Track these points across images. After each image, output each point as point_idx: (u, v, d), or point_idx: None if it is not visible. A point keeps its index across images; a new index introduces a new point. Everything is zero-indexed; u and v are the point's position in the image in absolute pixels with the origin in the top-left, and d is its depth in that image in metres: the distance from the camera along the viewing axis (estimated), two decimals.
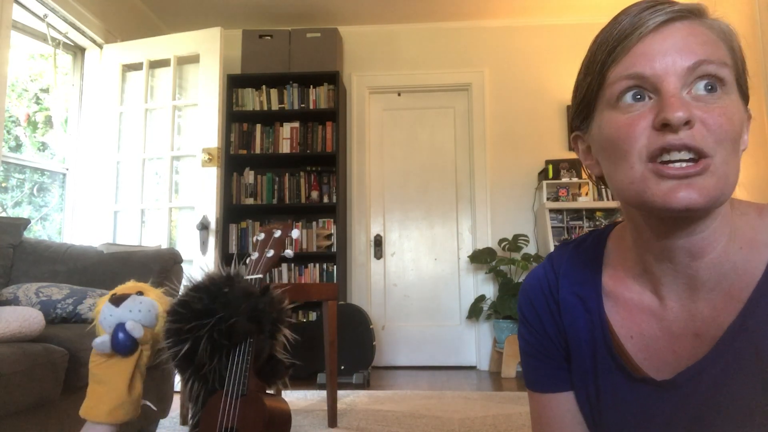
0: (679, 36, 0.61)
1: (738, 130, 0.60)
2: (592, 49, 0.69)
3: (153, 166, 3.49)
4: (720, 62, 0.60)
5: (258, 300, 1.13)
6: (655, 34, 0.61)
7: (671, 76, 0.60)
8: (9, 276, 2.16)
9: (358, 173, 4.22)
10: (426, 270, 4.19)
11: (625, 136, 0.62)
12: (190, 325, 1.08)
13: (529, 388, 0.85)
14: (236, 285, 1.14)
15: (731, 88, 0.61)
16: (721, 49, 0.61)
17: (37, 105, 3.30)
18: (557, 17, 4.19)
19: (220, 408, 1.07)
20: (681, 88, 0.60)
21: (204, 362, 1.09)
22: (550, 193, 3.91)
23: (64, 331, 1.65)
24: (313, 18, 4.14)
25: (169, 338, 1.11)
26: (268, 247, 1.29)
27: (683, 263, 0.66)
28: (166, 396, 2.10)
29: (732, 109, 0.60)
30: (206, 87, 3.31)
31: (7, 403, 1.32)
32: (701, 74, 0.60)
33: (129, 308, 1.04)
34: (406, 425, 2.29)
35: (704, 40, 0.60)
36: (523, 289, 0.85)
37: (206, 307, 1.10)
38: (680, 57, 0.60)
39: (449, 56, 4.28)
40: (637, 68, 0.61)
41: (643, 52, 0.61)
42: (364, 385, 3.32)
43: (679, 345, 0.68)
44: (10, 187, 3.06)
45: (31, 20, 3.06)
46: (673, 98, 0.59)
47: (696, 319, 0.67)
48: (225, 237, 3.90)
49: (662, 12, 0.61)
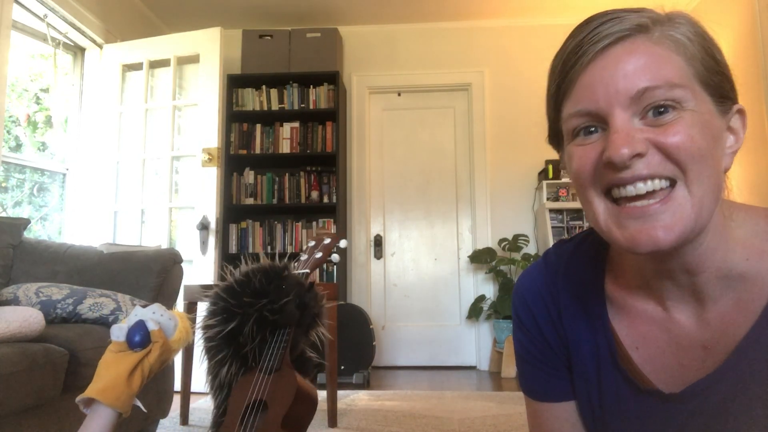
0: (620, 62, 0.58)
1: (706, 144, 0.57)
2: (549, 73, 0.66)
3: (153, 166, 3.49)
4: (667, 84, 0.56)
5: (306, 292, 1.21)
6: (595, 62, 0.59)
7: (615, 108, 0.58)
8: (9, 276, 2.16)
9: (358, 173, 4.22)
10: (426, 270, 4.19)
11: (581, 169, 0.61)
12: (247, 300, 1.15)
13: (527, 395, 0.81)
14: (290, 274, 1.22)
15: (690, 102, 0.57)
16: (671, 66, 0.57)
17: (37, 105, 3.29)
18: (557, 17, 4.19)
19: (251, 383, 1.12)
20: (631, 117, 0.58)
21: (247, 342, 1.14)
22: (550, 193, 3.91)
23: (64, 331, 1.65)
24: (313, 18, 4.14)
25: (220, 315, 1.17)
26: (317, 250, 1.40)
27: (683, 280, 0.64)
28: (166, 396, 2.10)
29: (690, 125, 0.56)
30: (206, 87, 3.31)
31: (7, 403, 1.32)
32: (648, 102, 0.57)
33: (153, 310, 1.10)
34: (406, 425, 2.29)
35: (647, 62, 0.57)
36: (518, 291, 0.80)
37: (263, 287, 1.17)
38: (623, 86, 0.57)
39: (449, 56, 4.28)
40: (583, 104, 0.60)
41: (586, 84, 0.59)
42: (364, 385, 3.32)
43: (686, 357, 0.65)
44: (10, 187, 3.06)
45: (31, 20, 3.06)
46: (616, 134, 0.57)
47: (705, 330, 0.64)
48: (225, 237, 3.90)
49: (603, 36, 0.58)
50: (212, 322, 1.17)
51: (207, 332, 1.18)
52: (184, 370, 2.39)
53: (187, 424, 2.33)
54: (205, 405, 2.71)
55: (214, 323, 1.17)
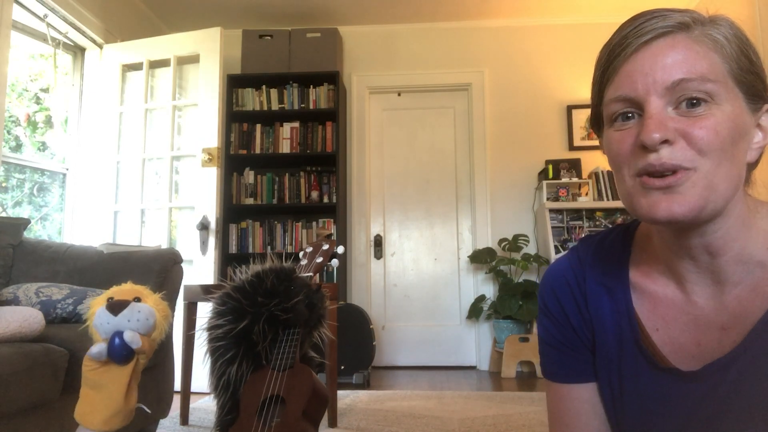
0: (660, 55, 0.63)
1: (730, 139, 0.63)
2: (596, 61, 0.72)
3: (153, 166, 3.49)
4: (701, 78, 0.62)
5: (314, 293, 1.26)
6: (638, 53, 0.65)
7: (652, 95, 0.63)
8: (9, 276, 2.16)
9: (358, 173, 4.22)
10: (426, 270, 4.19)
11: (617, 152, 0.67)
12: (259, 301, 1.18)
13: (548, 378, 0.85)
14: (299, 276, 1.27)
15: (722, 98, 0.63)
16: (707, 62, 0.63)
17: (37, 105, 3.30)
18: (557, 17, 4.19)
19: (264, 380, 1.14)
20: (665, 106, 0.63)
21: (258, 340, 1.17)
22: (550, 193, 3.91)
23: (64, 331, 1.65)
24: (313, 18, 4.14)
25: (230, 315, 1.18)
26: (317, 255, 1.46)
27: (704, 260, 0.69)
28: (166, 396, 2.10)
29: (718, 120, 0.62)
30: (206, 87, 3.31)
31: (7, 403, 1.32)
32: (683, 92, 0.62)
33: (127, 317, 1.03)
34: (406, 425, 2.29)
35: (685, 57, 0.63)
36: (546, 281, 0.85)
37: (275, 287, 1.21)
38: (660, 77, 0.63)
39: (449, 56, 4.28)
40: (622, 91, 0.66)
41: (627, 72, 0.65)
42: (364, 385, 3.32)
43: (704, 338, 0.70)
44: (10, 187, 3.06)
45: (31, 20, 3.06)
46: (650, 120, 0.63)
47: (722, 313, 0.69)
48: (225, 237, 3.90)
49: (647, 31, 0.64)
50: (221, 321, 1.19)
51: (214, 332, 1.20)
52: (184, 370, 2.39)
53: (187, 424, 2.33)
54: (204, 405, 2.71)
55: (223, 323, 1.18)
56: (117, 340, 1.01)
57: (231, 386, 1.16)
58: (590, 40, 4.08)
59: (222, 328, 1.17)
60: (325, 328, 1.30)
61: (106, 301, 1.06)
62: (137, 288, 1.12)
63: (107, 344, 1.01)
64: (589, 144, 4.10)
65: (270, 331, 1.18)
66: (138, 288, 1.13)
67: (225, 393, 1.17)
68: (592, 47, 3.36)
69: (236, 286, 1.22)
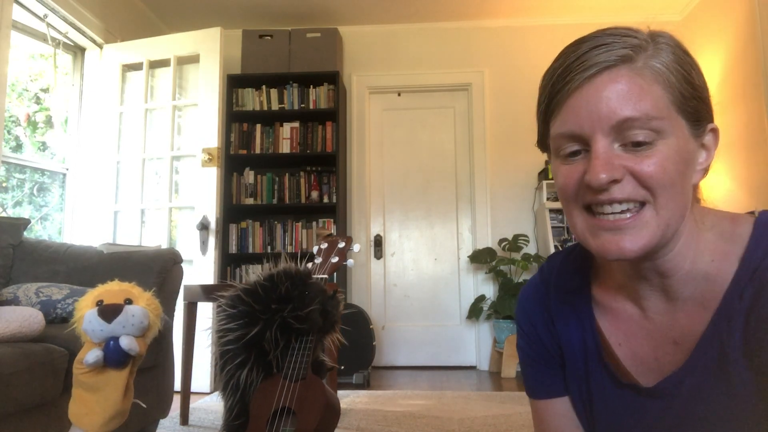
0: (604, 91, 0.62)
1: (677, 171, 0.63)
2: (540, 88, 0.71)
3: (153, 166, 3.49)
4: (646, 116, 0.61)
5: (329, 300, 1.20)
6: (581, 89, 0.64)
7: (598, 133, 0.63)
8: (9, 276, 2.16)
9: (358, 173, 4.22)
10: (426, 270, 4.19)
11: (565, 187, 0.67)
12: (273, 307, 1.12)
13: (528, 394, 0.89)
14: (314, 280, 1.21)
15: (667, 132, 0.63)
16: (651, 97, 0.62)
17: (37, 105, 3.30)
18: (557, 17, 4.19)
19: (276, 389, 1.09)
20: (611, 143, 0.63)
21: (270, 348, 1.12)
22: (550, 193, 3.91)
23: (64, 331, 1.65)
24: (313, 18, 4.14)
25: (241, 320, 1.12)
26: (333, 255, 1.38)
27: (656, 281, 0.70)
28: (166, 396, 2.10)
29: (665, 155, 0.62)
30: (206, 87, 3.31)
31: (7, 403, 1.32)
32: (628, 130, 0.62)
33: (122, 324, 0.99)
34: (406, 425, 2.29)
35: (629, 93, 0.62)
36: (519, 299, 0.89)
37: (289, 293, 1.14)
38: (606, 114, 0.62)
39: (449, 56, 4.28)
40: (568, 126, 0.65)
41: (572, 107, 0.64)
42: (364, 385, 3.32)
43: (660, 352, 0.72)
44: (10, 187, 3.06)
45: (31, 20, 3.06)
46: (596, 160, 0.62)
47: (674, 328, 0.71)
48: (225, 237, 3.90)
49: (590, 65, 0.63)
50: (232, 325, 1.13)
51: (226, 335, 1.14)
52: (184, 370, 2.39)
53: (187, 424, 2.33)
54: (205, 405, 2.71)
55: (234, 327, 1.13)
56: (112, 343, 0.98)
57: (240, 390, 1.12)
58: None
59: (233, 332, 1.12)
60: (338, 333, 1.25)
61: (96, 305, 1.02)
62: (125, 287, 1.08)
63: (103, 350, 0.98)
64: None
65: (282, 338, 1.12)
66: (126, 287, 1.08)
67: (233, 396, 1.13)
68: None
69: (248, 288, 1.16)
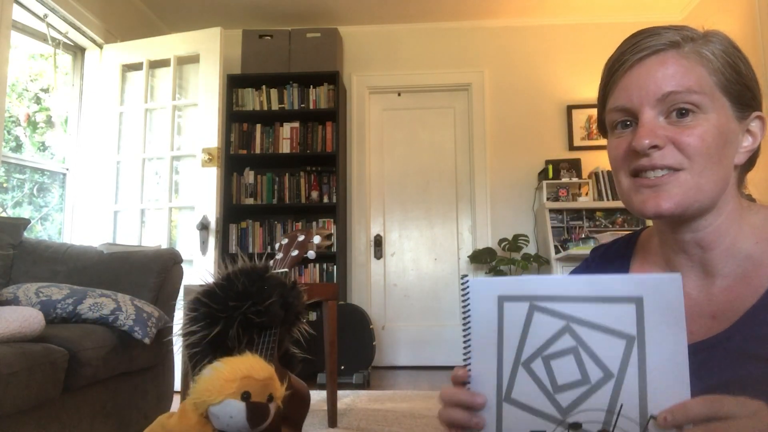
0: (651, 71, 0.72)
1: (715, 145, 0.70)
2: (602, 74, 0.80)
3: (153, 166, 3.49)
4: (688, 90, 0.70)
5: (288, 291, 1.20)
6: (633, 69, 0.73)
7: (645, 106, 0.72)
8: (9, 276, 2.16)
9: (358, 173, 4.22)
10: (426, 270, 4.19)
11: (615, 156, 0.76)
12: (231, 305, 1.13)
13: None
14: (272, 274, 1.21)
15: (708, 108, 0.70)
16: (694, 75, 0.70)
17: (37, 105, 3.30)
18: (557, 17, 4.19)
19: None
20: (657, 116, 0.72)
21: (234, 345, 1.12)
22: (550, 193, 3.91)
23: (64, 331, 1.65)
24: (313, 18, 4.14)
25: (202, 321, 1.14)
26: (292, 248, 1.38)
27: (696, 254, 0.76)
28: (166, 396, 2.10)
29: (705, 129, 0.70)
30: (206, 87, 3.31)
31: (7, 403, 1.32)
32: (672, 103, 0.70)
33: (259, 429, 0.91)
34: (406, 425, 2.29)
35: (674, 71, 0.71)
36: None
37: (246, 289, 1.15)
38: (652, 90, 0.71)
39: (449, 56, 4.28)
40: (620, 102, 0.74)
41: (624, 86, 0.74)
42: (364, 385, 3.32)
43: (695, 326, 0.74)
44: (10, 187, 3.06)
45: (31, 20, 3.06)
46: (642, 128, 0.71)
47: (712, 302, 0.75)
48: (225, 237, 3.90)
49: (642, 48, 0.73)
50: (194, 327, 1.14)
51: (189, 339, 1.14)
52: (184, 370, 2.39)
53: None
54: None
55: (196, 329, 1.13)
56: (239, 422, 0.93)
57: None
58: (590, 40, 4.08)
59: (196, 334, 1.13)
60: (304, 324, 1.26)
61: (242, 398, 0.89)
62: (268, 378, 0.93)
63: None
64: (589, 144, 4.10)
65: (245, 334, 1.13)
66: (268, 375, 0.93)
67: None
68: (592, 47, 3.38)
69: (206, 290, 1.17)
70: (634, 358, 0.54)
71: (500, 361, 0.60)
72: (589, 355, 0.56)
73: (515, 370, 0.60)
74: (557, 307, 0.59)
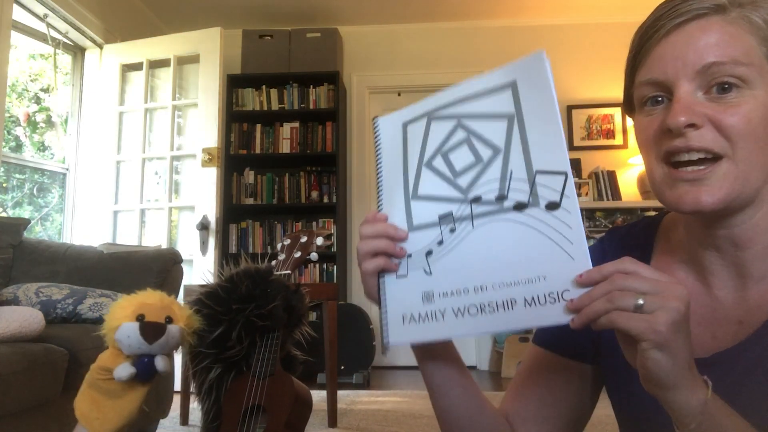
0: (692, 38, 0.61)
1: (762, 127, 0.59)
2: (630, 44, 0.70)
3: (153, 166, 3.49)
4: (734, 61, 0.59)
5: (292, 294, 1.20)
6: (670, 36, 0.62)
7: (681, 79, 0.61)
8: (9, 276, 2.16)
9: (358, 173, 4.22)
10: None
11: (645, 136, 0.66)
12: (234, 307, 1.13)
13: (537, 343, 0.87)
14: (276, 277, 1.20)
15: (756, 83, 0.59)
16: (741, 45, 0.59)
17: (37, 105, 3.30)
18: (557, 17, 4.19)
19: (245, 388, 1.09)
20: (695, 90, 0.60)
21: (235, 346, 1.12)
22: None
23: (64, 331, 1.65)
24: (313, 18, 4.14)
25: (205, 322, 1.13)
26: (295, 250, 1.37)
27: (729, 252, 0.66)
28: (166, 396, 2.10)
29: (751, 107, 0.59)
30: (206, 87, 3.31)
31: (7, 403, 1.32)
32: (714, 76, 0.59)
33: (162, 346, 0.99)
34: (406, 425, 2.29)
35: (718, 40, 0.60)
36: None
37: (250, 292, 1.15)
38: (691, 60, 0.60)
39: (449, 56, 4.28)
40: (652, 74, 0.63)
41: (659, 55, 0.63)
42: (364, 385, 3.32)
43: (720, 330, 0.68)
44: (10, 187, 3.06)
45: (31, 20, 3.06)
46: (677, 104, 0.60)
47: (742, 306, 0.67)
48: (225, 237, 3.90)
49: (681, 12, 0.62)
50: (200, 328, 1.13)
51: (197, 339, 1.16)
52: (184, 370, 2.39)
53: (187, 424, 2.33)
54: None
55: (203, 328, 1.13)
56: (146, 360, 0.97)
57: (213, 393, 1.13)
58: (590, 40, 4.08)
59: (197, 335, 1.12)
60: (306, 326, 1.26)
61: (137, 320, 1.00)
62: (167, 303, 1.03)
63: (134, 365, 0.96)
64: (589, 144, 4.10)
65: (247, 337, 1.13)
66: (167, 303, 1.04)
67: (208, 399, 1.13)
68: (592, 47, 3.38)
69: (209, 291, 1.16)
70: (515, 131, 0.61)
71: (406, 175, 0.68)
72: (479, 139, 0.63)
73: (419, 172, 0.67)
74: (449, 112, 0.67)
